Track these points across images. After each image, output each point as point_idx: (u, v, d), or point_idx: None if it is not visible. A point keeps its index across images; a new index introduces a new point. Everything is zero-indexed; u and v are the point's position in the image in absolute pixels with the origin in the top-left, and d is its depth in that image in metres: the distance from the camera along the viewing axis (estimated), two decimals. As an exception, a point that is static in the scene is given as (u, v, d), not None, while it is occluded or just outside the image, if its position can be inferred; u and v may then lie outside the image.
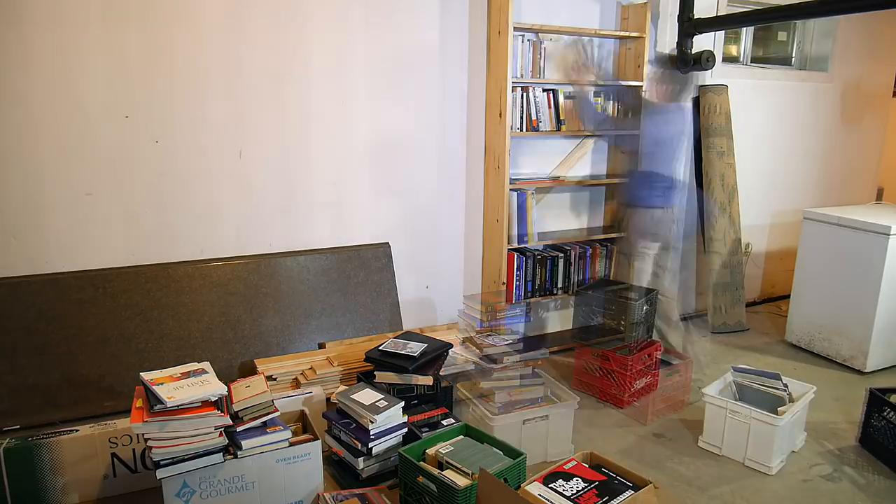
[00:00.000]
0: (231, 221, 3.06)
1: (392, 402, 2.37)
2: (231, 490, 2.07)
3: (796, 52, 4.78)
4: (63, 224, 2.76)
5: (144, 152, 2.83)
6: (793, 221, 4.62)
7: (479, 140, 3.53)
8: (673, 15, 3.83)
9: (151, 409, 1.95)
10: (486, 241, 3.65)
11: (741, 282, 4.19)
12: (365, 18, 3.12)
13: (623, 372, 3.02)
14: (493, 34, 3.33)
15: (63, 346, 2.72)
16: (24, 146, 2.63)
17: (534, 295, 3.63)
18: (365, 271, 3.34)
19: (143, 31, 2.72)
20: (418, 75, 3.30)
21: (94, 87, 2.69)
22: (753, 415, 2.54)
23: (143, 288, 2.87)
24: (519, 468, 2.17)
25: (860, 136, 4.99)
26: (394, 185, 3.38)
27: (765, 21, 4.05)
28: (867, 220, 3.45)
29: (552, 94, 3.47)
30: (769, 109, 4.48)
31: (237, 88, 2.93)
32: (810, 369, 3.59)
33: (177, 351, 2.89)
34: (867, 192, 5.19)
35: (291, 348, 3.12)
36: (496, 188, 3.46)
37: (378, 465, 2.35)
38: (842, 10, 3.17)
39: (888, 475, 2.55)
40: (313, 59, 3.05)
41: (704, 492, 2.41)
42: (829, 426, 2.94)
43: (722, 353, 3.78)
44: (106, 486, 2.28)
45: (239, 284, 3.05)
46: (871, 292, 3.42)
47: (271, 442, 2.12)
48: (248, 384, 2.23)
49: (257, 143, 3.03)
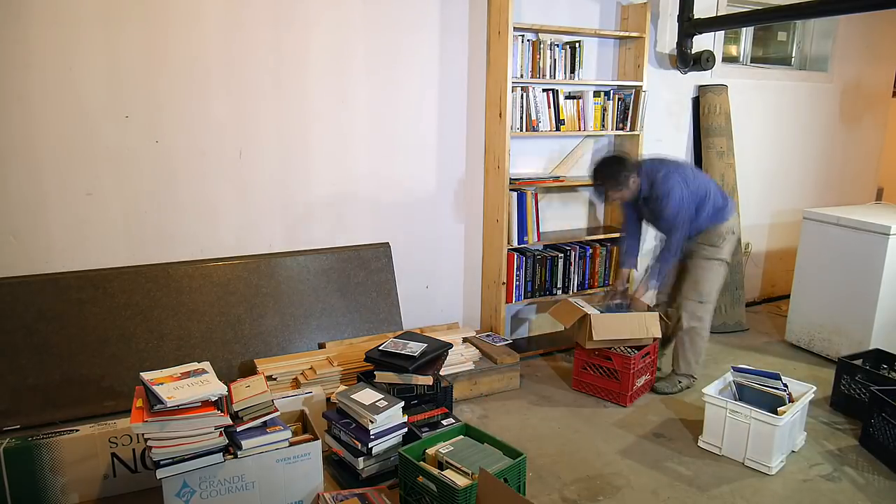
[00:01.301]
0: (231, 221, 3.06)
1: (392, 402, 2.37)
2: (231, 490, 2.07)
3: (796, 52, 4.78)
4: (63, 224, 2.76)
5: (144, 152, 2.83)
6: (792, 221, 4.62)
7: (479, 140, 3.53)
8: (673, 15, 3.83)
9: (151, 409, 1.95)
10: (486, 241, 3.65)
11: (741, 282, 4.19)
12: (365, 18, 3.12)
13: (627, 371, 3.03)
14: (493, 34, 3.33)
15: (63, 346, 2.72)
16: (24, 146, 2.63)
17: (534, 295, 3.63)
18: (365, 271, 3.34)
19: (143, 31, 2.72)
20: (418, 75, 3.30)
21: (94, 87, 2.69)
22: (753, 415, 2.54)
23: (143, 288, 2.87)
24: (519, 468, 2.17)
25: (860, 136, 4.99)
26: (394, 184, 3.38)
27: (765, 21, 4.04)
28: (867, 220, 3.45)
29: (552, 94, 3.47)
30: (769, 109, 4.48)
31: (237, 88, 2.93)
32: (810, 369, 3.59)
33: (177, 351, 2.89)
34: (867, 192, 5.19)
35: (291, 348, 3.12)
36: (496, 188, 3.46)
37: (378, 465, 2.35)
38: (842, 10, 3.17)
39: (888, 475, 2.55)
40: (313, 59, 3.05)
41: (704, 492, 2.41)
42: (829, 426, 2.94)
43: (722, 353, 3.78)
44: (106, 486, 2.28)
45: (239, 284, 3.05)
46: (871, 292, 3.42)
47: (271, 442, 2.12)
48: (248, 384, 2.23)
49: (257, 143, 3.03)
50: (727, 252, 3.15)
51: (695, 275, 3.17)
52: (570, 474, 2.51)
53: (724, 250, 3.14)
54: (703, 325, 3.19)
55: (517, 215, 3.46)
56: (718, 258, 3.14)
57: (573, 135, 3.70)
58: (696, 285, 3.15)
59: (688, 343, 3.20)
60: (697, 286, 3.15)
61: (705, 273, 3.14)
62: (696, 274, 3.17)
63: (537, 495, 2.36)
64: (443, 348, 2.77)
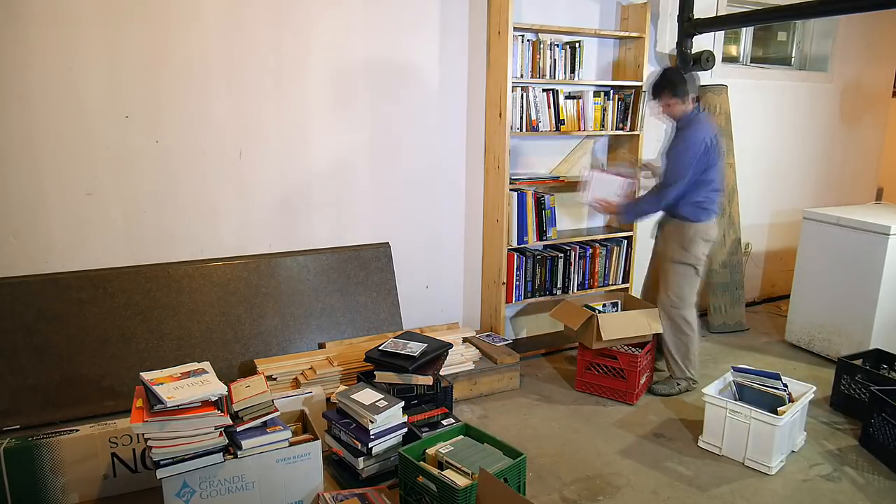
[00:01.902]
0: (231, 221, 3.06)
1: (392, 402, 2.37)
2: (231, 490, 2.07)
3: (796, 52, 4.78)
4: (63, 224, 2.76)
5: (144, 152, 2.83)
6: (792, 221, 4.62)
7: (479, 140, 3.53)
8: (673, 15, 3.83)
9: (151, 408, 1.95)
10: (486, 241, 3.65)
11: (741, 282, 4.19)
12: (365, 19, 3.12)
13: (633, 369, 3.04)
14: (493, 34, 3.33)
15: (63, 346, 2.72)
16: (25, 146, 2.63)
17: (534, 295, 3.63)
18: (365, 271, 3.34)
19: (143, 31, 2.72)
20: (418, 75, 3.30)
21: (94, 87, 2.69)
22: (753, 415, 2.54)
23: (143, 288, 2.87)
24: (519, 468, 2.17)
25: (860, 136, 4.99)
26: (394, 184, 3.38)
27: (765, 21, 4.04)
28: (867, 220, 3.46)
29: (552, 94, 3.47)
30: (769, 109, 4.48)
31: (237, 88, 2.93)
32: (810, 369, 3.59)
33: (177, 351, 2.89)
34: (867, 192, 5.19)
35: (291, 348, 3.12)
36: (496, 188, 3.46)
37: (378, 465, 2.35)
38: (842, 10, 3.17)
39: (888, 475, 2.55)
40: (313, 58, 3.05)
41: (704, 492, 2.41)
42: (829, 426, 2.94)
43: (722, 353, 3.78)
44: (106, 486, 2.28)
45: (239, 284, 3.05)
46: (871, 292, 3.42)
47: (271, 442, 2.12)
48: (248, 384, 2.23)
49: (257, 143, 3.03)
50: (695, 256, 3.08)
51: (665, 278, 3.17)
52: (570, 474, 2.51)
53: (691, 253, 3.07)
54: (682, 326, 3.14)
55: (517, 215, 3.46)
56: (685, 262, 3.09)
57: (573, 135, 3.70)
58: (668, 288, 3.16)
59: (671, 344, 3.18)
60: (668, 290, 3.15)
61: (674, 277, 3.13)
62: (666, 277, 3.17)
63: (537, 495, 2.36)
64: (443, 348, 2.77)
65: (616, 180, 3.24)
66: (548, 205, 3.53)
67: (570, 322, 3.17)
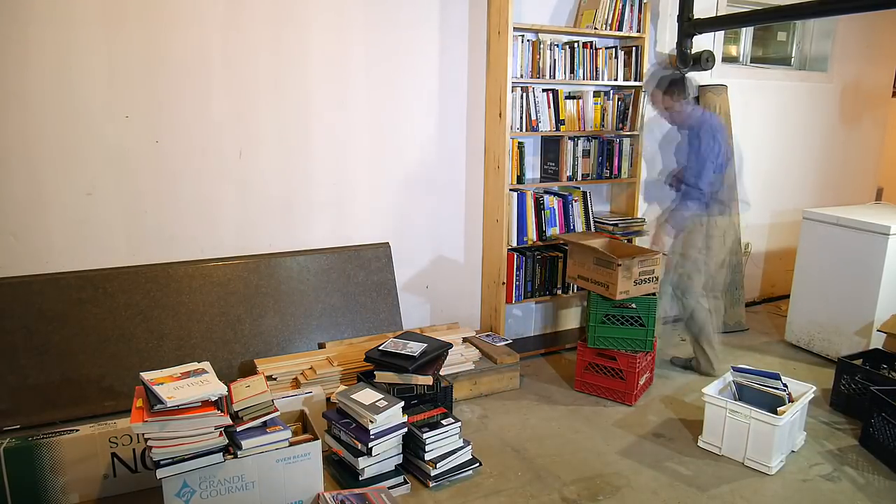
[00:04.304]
0: (231, 221, 3.06)
1: (392, 401, 2.37)
2: (231, 490, 2.07)
3: (796, 52, 4.78)
4: (63, 224, 2.76)
5: (144, 152, 2.83)
6: (792, 221, 4.62)
7: (479, 140, 3.53)
8: (673, 15, 3.83)
9: (151, 408, 1.95)
10: (485, 241, 3.65)
11: (741, 282, 4.19)
12: (365, 18, 3.12)
13: (632, 370, 3.04)
14: (493, 34, 3.33)
15: (63, 346, 2.72)
16: (25, 146, 2.63)
17: (534, 295, 3.63)
18: (365, 271, 3.33)
19: (144, 31, 2.72)
20: (418, 75, 3.30)
21: (94, 87, 2.69)
22: (753, 415, 2.54)
23: (143, 288, 2.87)
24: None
25: (859, 136, 4.99)
26: (394, 184, 3.38)
27: (765, 21, 4.05)
28: (866, 220, 3.46)
29: (552, 93, 3.47)
30: (769, 109, 4.48)
31: (237, 88, 2.93)
32: (810, 369, 3.59)
33: (177, 351, 2.89)
34: (866, 192, 5.19)
35: (291, 348, 3.12)
36: (496, 188, 3.46)
37: (378, 465, 2.35)
38: (842, 10, 3.18)
39: (888, 475, 2.55)
40: (313, 58, 3.05)
41: (704, 492, 2.41)
42: (829, 426, 2.94)
43: (722, 353, 3.77)
44: (106, 485, 2.28)
45: (239, 284, 3.05)
46: (871, 292, 3.42)
47: (271, 442, 2.12)
48: (248, 384, 2.23)
49: (257, 143, 3.03)
50: (686, 243, 3.28)
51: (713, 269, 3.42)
52: (570, 474, 2.51)
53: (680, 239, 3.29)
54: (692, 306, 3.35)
55: (517, 215, 3.46)
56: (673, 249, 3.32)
57: (573, 135, 3.69)
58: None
59: (690, 323, 3.41)
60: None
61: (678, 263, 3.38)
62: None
63: (537, 495, 2.36)
64: (443, 348, 2.77)
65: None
66: (547, 205, 3.53)
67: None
